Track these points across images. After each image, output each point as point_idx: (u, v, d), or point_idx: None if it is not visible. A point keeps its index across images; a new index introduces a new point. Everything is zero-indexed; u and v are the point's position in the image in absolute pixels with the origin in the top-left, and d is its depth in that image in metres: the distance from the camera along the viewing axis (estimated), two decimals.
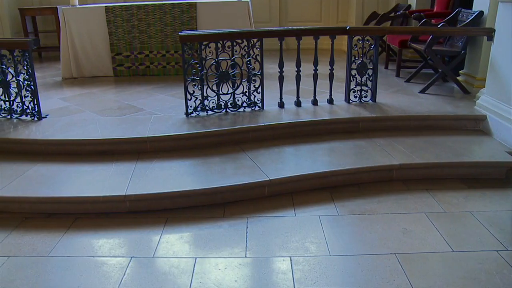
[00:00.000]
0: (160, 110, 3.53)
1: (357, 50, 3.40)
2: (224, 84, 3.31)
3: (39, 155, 3.03)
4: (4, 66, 3.39)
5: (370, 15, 5.27)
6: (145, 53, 4.59)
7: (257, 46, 3.25)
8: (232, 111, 3.36)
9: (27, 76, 3.33)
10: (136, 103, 3.75)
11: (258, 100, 3.39)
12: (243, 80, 3.30)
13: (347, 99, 3.55)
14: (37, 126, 3.29)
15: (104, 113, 3.51)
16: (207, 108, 3.33)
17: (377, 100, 3.56)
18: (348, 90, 3.53)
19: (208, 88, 3.30)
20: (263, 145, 3.06)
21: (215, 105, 3.34)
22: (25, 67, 3.31)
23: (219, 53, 3.20)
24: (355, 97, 3.56)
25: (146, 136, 2.94)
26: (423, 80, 4.29)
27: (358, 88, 3.54)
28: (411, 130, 3.27)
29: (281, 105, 3.46)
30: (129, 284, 1.93)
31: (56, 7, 5.70)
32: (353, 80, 3.51)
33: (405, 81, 4.23)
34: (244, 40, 3.22)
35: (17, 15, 6.09)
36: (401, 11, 4.65)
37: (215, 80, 3.26)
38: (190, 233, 2.32)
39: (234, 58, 3.23)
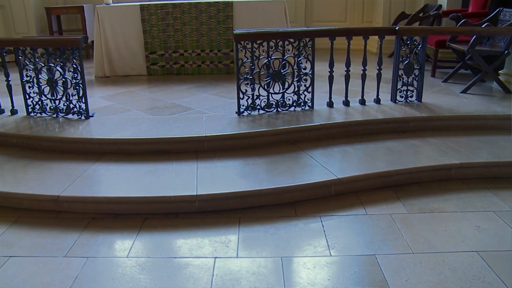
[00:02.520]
0: (209, 109, 3.52)
1: (405, 50, 3.40)
2: (272, 83, 3.29)
3: (93, 154, 2.99)
4: (52, 65, 3.37)
5: (399, 16, 5.31)
6: (179, 52, 4.57)
7: (309, 46, 3.27)
8: (282, 110, 3.37)
9: (75, 74, 3.29)
10: (181, 102, 3.73)
11: (308, 100, 3.40)
12: (294, 79, 3.31)
13: (394, 99, 3.57)
14: (87, 125, 3.25)
15: (152, 112, 3.48)
16: (258, 107, 3.33)
17: (422, 100, 3.62)
18: (394, 90, 3.55)
19: (257, 88, 3.29)
20: (320, 144, 3.06)
21: (265, 104, 3.35)
22: (74, 65, 3.28)
23: (271, 53, 3.20)
24: (401, 97, 3.58)
25: (204, 135, 2.93)
26: (459, 80, 4.33)
27: (404, 88, 3.58)
28: (461, 130, 3.29)
29: (330, 104, 3.46)
30: (220, 285, 1.91)
31: (83, 6, 5.67)
32: (400, 80, 3.54)
33: (442, 81, 4.26)
34: (296, 40, 3.22)
35: (42, 14, 6.03)
36: (433, 12, 4.68)
37: (267, 79, 3.28)
38: (267, 232, 2.30)
39: (286, 57, 3.23)
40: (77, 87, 3.32)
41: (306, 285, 1.91)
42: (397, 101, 3.57)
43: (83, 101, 3.35)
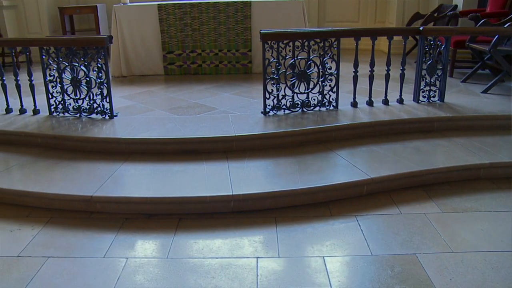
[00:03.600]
0: (233, 109, 3.51)
1: (428, 50, 3.39)
2: (298, 83, 3.29)
3: (120, 154, 2.98)
4: (76, 64, 3.35)
5: (413, 16, 5.32)
6: (197, 52, 4.56)
7: (334, 46, 3.27)
8: (307, 110, 3.37)
9: (100, 74, 3.27)
10: (204, 102, 3.73)
11: (333, 100, 3.40)
12: (320, 79, 3.32)
13: (416, 99, 3.58)
14: (112, 124, 3.24)
15: (176, 112, 3.48)
16: (283, 107, 3.33)
17: (444, 100, 3.62)
18: (417, 90, 3.57)
19: (282, 87, 3.29)
20: (347, 144, 3.06)
21: (290, 104, 3.34)
22: (99, 64, 3.27)
23: (297, 52, 3.19)
24: (424, 97, 3.60)
25: (233, 135, 2.92)
26: (477, 80, 4.35)
27: (427, 88, 3.59)
28: (486, 130, 3.31)
29: (354, 104, 3.47)
30: (266, 285, 1.90)
31: (96, 6, 5.66)
32: (423, 80, 3.54)
33: (461, 81, 4.28)
34: (322, 40, 3.21)
35: (54, 14, 6.03)
36: (450, 12, 4.69)
37: (293, 79, 3.27)
38: (305, 232, 2.30)
39: (312, 58, 3.24)
40: (102, 87, 3.30)
41: (351, 283, 1.91)
42: (419, 101, 3.58)
43: (107, 100, 3.34)
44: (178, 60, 4.60)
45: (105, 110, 3.37)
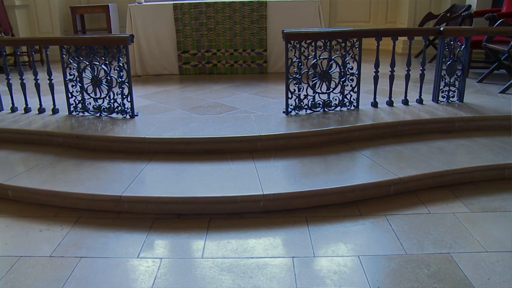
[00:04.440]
0: (254, 108, 3.51)
1: (448, 50, 3.37)
2: (320, 83, 3.29)
3: (145, 153, 2.97)
4: (97, 63, 3.34)
5: (426, 16, 5.34)
6: (212, 51, 4.56)
7: (356, 46, 3.28)
8: (328, 110, 3.37)
9: (121, 73, 3.26)
10: (223, 101, 3.73)
11: (354, 100, 3.40)
12: (342, 79, 3.32)
13: (436, 99, 3.59)
14: (134, 124, 3.23)
15: (197, 111, 3.47)
16: (305, 107, 3.33)
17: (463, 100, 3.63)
18: (437, 90, 3.58)
19: (304, 87, 3.29)
20: (371, 144, 3.07)
21: (311, 104, 3.34)
22: (121, 64, 3.25)
23: (319, 52, 3.19)
24: (443, 97, 3.61)
25: (258, 134, 2.92)
26: (493, 80, 4.36)
27: (446, 88, 3.60)
28: (507, 130, 3.31)
29: (374, 104, 3.47)
30: (305, 285, 1.91)
31: (108, 5, 5.65)
32: (443, 80, 3.54)
33: (477, 82, 4.30)
34: (344, 40, 3.20)
35: (66, 14, 6.03)
36: (465, 12, 4.72)
37: (315, 79, 3.27)
38: (337, 232, 2.30)
39: (334, 58, 3.24)
40: (123, 86, 3.29)
41: (390, 282, 1.91)
42: (439, 101, 3.59)
43: (129, 100, 3.33)
44: (193, 59, 4.60)
45: (126, 109, 3.36)
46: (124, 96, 3.32)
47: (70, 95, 3.47)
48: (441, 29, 3.37)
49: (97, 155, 3.02)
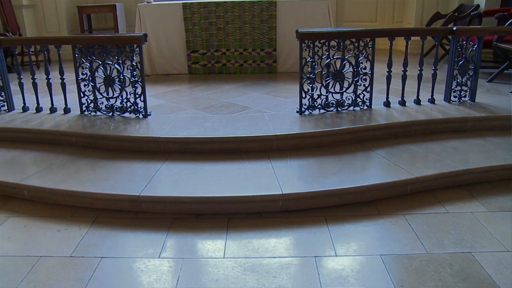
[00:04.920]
0: (267, 108, 3.51)
1: (461, 50, 3.37)
2: (332, 83, 3.29)
3: (159, 153, 2.97)
4: (110, 62, 3.33)
5: (433, 16, 5.34)
6: (222, 51, 4.56)
7: (369, 46, 3.28)
8: (341, 109, 3.36)
9: (134, 72, 3.25)
10: (235, 101, 3.72)
11: (367, 100, 3.40)
12: (355, 79, 3.32)
13: (447, 99, 3.59)
14: (148, 123, 3.22)
15: (210, 111, 3.47)
16: (318, 106, 3.32)
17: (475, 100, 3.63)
18: (449, 90, 3.58)
19: (317, 87, 3.29)
20: (384, 143, 3.07)
21: (325, 104, 3.33)
22: (134, 63, 3.24)
23: (333, 52, 3.19)
24: (455, 97, 3.62)
25: (274, 134, 2.92)
26: (503, 80, 4.36)
27: (458, 88, 3.61)
28: None
29: (387, 104, 3.47)
30: (329, 284, 1.90)
31: (115, 5, 5.63)
32: (455, 80, 3.55)
33: (487, 81, 4.30)
34: (358, 40, 3.20)
35: (73, 13, 6.02)
36: (474, 12, 4.73)
37: (328, 79, 3.27)
38: (357, 231, 2.30)
39: (348, 57, 3.23)
40: (136, 85, 3.28)
41: (414, 281, 1.91)
42: (451, 101, 3.60)
43: (142, 99, 3.32)
44: (203, 59, 4.59)
45: (139, 109, 3.35)
46: (137, 96, 3.31)
47: (82, 95, 3.47)
48: (454, 28, 3.37)
49: (111, 154, 3.01)
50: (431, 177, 2.64)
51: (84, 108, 3.48)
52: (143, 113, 3.34)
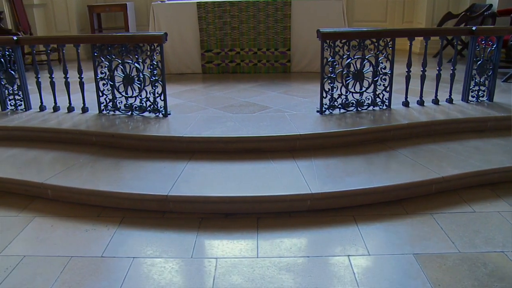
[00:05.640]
0: (287, 108, 3.51)
1: (479, 50, 3.38)
2: (353, 82, 3.28)
3: (183, 152, 2.96)
4: (130, 61, 3.32)
5: (445, 16, 5.36)
6: (236, 51, 4.56)
7: (389, 45, 3.28)
8: (361, 109, 3.36)
9: (155, 71, 3.24)
10: (254, 101, 3.72)
11: (386, 99, 3.40)
12: (375, 79, 3.33)
13: (465, 99, 3.61)
14: (170, 123, 3.21)
15: (230, 110, 3.46)
16: (338, 106, 3.32)
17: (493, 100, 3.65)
18: (467, 90, 3.59)
19: (337, 87, 3.28)
20: (406, 143, 3.07)
21: (345, 103, 3.33)
22: (155, 62, 3.23)
23: (353, 52, 3.19)
24: (472, 96, 3.63)
25: (298, 133, 2.92)
26: None
27: (476, 87, 3.62)
28: None
29: (405, 104, 3.48)
30: (365, 283, 1.91)
31: (126, 4, 5.61)
32: (473, 79, 3.56)
33: (502, 81, 4.31)
34: (378, 39, 3.20)
35: (83, 12, 6.00)
36: (487, 12, 4.75)
37: (349, 79, 3.27)
38: (387, 230, 2.30)
39: (368, 57, 3.23)
40: (156, 84, 3.27)
41: (450, 280, 1.92)
42: (469, 101, 3.62)
43: (162, 98, 3.31)
44: (217, 58, 4.59)
45: (158, 108, 3.34)
46: (158, 95, 3.31)
47: (100, 94, 3.46)
48: (473, 28, 3.39)
49: (134, 154, 3.00)
50: (457, 176, 2.65)
51: (102, 107, 3.47)
52: (163, 112, 3.33)
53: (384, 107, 3.42)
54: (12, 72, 3.57)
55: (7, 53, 3.53)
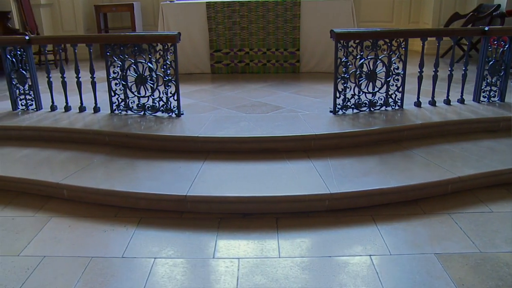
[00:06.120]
0: (300, 108, 3.52)
1: (491, 50, 3.37)
2: (366, 83, 3.29)
3: (197, 152, 2.96)
4: (143, 61, 3.30)
5: (452, 16, 5.37)
6: (245, 51, 4.55)
7: (402, 46, 3.29)
8: (374, 109, 3.36)
9: (168, 71, 3.24)
10: (266, 101, 3.73)
11: (398, 100, 3.41)
12: (387, 79, 3.33)
13: (477, 99, 3.61)
14: (183, 123, 3.20)
15: (243, 110, 3.46)
16: (352, 106, 3.32)
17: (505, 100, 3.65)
18: (478, 90, 3.61)
19: (350, 87, 3.28)
20: (420, 143, 3.08)
21: (357, 103, 3.34)
22: (168, 62, 3.22)
23: (367, 52, 3.20)
24: (484, 97, 3.64)
25: (313, 133, 2.92)
26: None
27: (488, 88, 3.63)
28: None
29: (417, 104, 3.48)
30: (387, 281, 1.91)
31: (132, 4, 5.60)
32: (485, 80, 3.57)
33: (511, 82, 4.36)
34: (391, 40, 3.20)
35: (89, 12, 6.00)
36: (496, 12, 4.76)
37: (362, 79, 3.27)
38: (406, 230, 2.30)
39: (381, 57, 3.23)
40: (169, 84, 3.27)
41: (473, 280, 1.92)
42: (480, 101, 3.63)
43: (175, 98, 3.31)
44: (226, 58, 4.58)
45: (171, 108, 3.34)
46: (171, 95, 3.30)
47: (113, 93, 3.45)
48: (486, 29, 3.40)
49: (148, 154, 3.00)
50: (473, 176, 2.66)
51: (114, 107, 3.46)
52: (176, 112, 3.32)
53: (397, 107, 3.43)
54: (24, 72, 3.56)
55: (19, 52, 3.52)
